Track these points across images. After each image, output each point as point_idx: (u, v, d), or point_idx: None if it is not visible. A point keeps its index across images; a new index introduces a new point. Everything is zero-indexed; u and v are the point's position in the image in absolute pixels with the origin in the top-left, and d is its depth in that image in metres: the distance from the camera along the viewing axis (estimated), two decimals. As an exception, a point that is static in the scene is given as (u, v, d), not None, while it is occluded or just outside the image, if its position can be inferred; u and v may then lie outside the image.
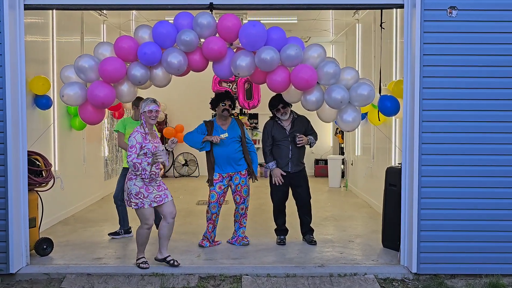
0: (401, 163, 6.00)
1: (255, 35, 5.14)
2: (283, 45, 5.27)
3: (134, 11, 9.75)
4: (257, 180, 6.38)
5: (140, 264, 5.40)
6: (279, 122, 6.40)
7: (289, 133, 6.33)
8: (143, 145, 5.21)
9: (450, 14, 5.16)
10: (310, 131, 6.47)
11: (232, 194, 6.31)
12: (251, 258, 5.79)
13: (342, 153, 12.39)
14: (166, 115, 13.14)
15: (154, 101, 5.35)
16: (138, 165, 5.12)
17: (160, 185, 5.39)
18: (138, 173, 5.16)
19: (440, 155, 5.23)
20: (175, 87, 5.87)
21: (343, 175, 11.70)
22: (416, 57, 5.16)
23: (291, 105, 6.32)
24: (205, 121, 6.31)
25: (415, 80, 5.19)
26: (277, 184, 6.27)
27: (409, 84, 5.31)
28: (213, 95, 12.41)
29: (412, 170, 5.26)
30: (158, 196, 5.32)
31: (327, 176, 11.74)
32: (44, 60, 7.19)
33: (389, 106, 6.04)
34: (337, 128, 12.58)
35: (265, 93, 12.13)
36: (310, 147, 6.45)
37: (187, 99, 12.93)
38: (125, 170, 6.64)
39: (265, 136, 6.42)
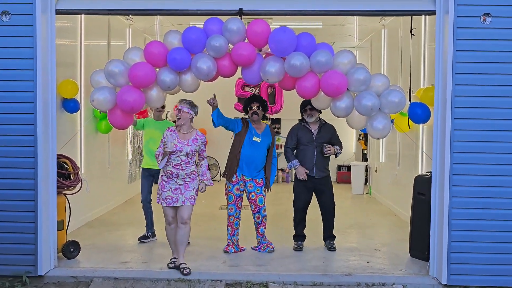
0: (430, 172, 5.92)
1: (285, 41, 5.11)
2: (313, 51, 5.24)
3: (159, 16, 9.79)
4: (270, 191, 6.36)
5: (168, 264, 5.53)
6: (306, 125, 6.36)
7: (315, 138, 6.29)
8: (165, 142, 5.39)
9: (484, 21, 5.07)
10: (335, 140, 6.43)
11: (248, 200, 6.29)
12: (277, 265, 5.74)
13: (365, 159, 12.28)
14: (188, 119, 13.15)
15: (184, 101, 5.45)
16: (157, 155, 5.37)
17: (179, 187, 5.38)
18: (158, 163, 5.37)
19: (472, 164, 5.13)
20: (198, 91, 5.86)
21: (365, 182, 11.59)
22: (449, 64, 5.08)
23: (320, 112, 6.29)
24: (242, 118, 6.30)
25: (447, 87, 5.10)
26: (302, 179, 6.23)
27: (441, 91, 5.23)
28: (236, 99, 12.54)
29: (443, 180, 5.16)
30: (169, 197, 5.37)
31: (349, 182, 11.64)
32: (72, 63, 7.25)
33: (419, 114, 5.97)
34: (360, 134, 12.48)
35: (288, 98, 12.15)
36: (336, 157, 6.41)
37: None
38: (145, 170, 6.67)
39: (290, 135, 6.46)
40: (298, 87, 5.32)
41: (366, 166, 11.56)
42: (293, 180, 6.55)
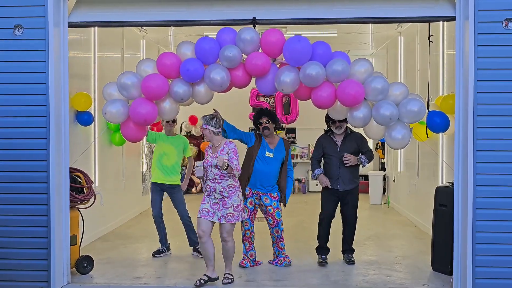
0: (452, 182, 5.74)
1: (300, 50, 4.99)
2: (329, 60, 5.11)
3: (172, 27, 9.77)
4: (285, 207, 6.20)
5: (199, 280, 5.35)
6: (332, 136, 6.19)
7: (340, 149, 6.12)
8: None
9: (506, 26, 4.90)
10: (364, 149, 6.17)
11: (264, 214, 6.13)
12: (294, 279, 5.58)
13: (382, 168, 12.06)
14: (203, 130, 13.10)
15: (203, 118, 5.42)
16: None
17: (218, 203, 5.30)
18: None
19: (496, 175, 4.94)
20: (212, 101, 5.77)
21: (383, 192, 11.36)
22: (470, 71, 4.91)
23: (348, 122, 6.12)
24: (255, 132, 6.18)
25: (469, 95, 4.93)
26: (327, 186, 6.06)
27: (462, 100, 5.05)
28: (250, 109, 12.40)
29: (466, 191, 4.97)
30: (206, 210, 5.30)
31: (366, 192, 11.42)
32: (86, 75, 7.22)
33: (438, 122, 5.80)
34: (377, 143, 12.28)
35: (303, 108, 11.98)
36: (363, 166, 6.20)
37: (224, 113, 12.85)
38: (156, 185, 6.56)
39: (316, 147, 6.29)
40: (314, 97, 5.19)
41: (384, 175, 11.34)
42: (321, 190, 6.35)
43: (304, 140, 13.15)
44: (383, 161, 12.10)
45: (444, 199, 5.78)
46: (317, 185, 6.36)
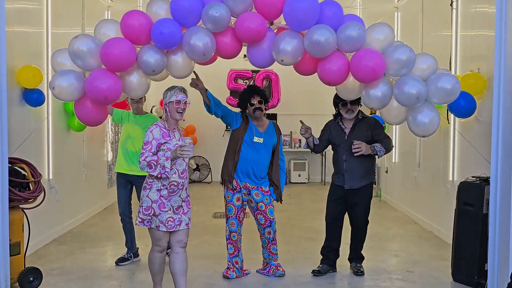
0: (479, 177, 4.86)
1: (306, 10, 3.93)
2: (340, 24, 4.08)
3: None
4: (281, 202, 5.21)
5: None
6: (341, 123, 5.14)
7: (347, 138, 5.08)
8: (163, 143, 4.03)
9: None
10: (379, 136, 5.03)
11: (253, 213, 5.08)
12: (292, 295, 4.59)
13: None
14: (175, 115, 12.01)
15: (183, 90, 4.15)
16: (155, 162, 3.91)
17: (181, 205, 4.15)
18: (155, 173, 3.92)
19: (548, 169, 4.01)
20: (185, 83, 4.65)
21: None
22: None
23: (361, 104, 5.00)
24: (242, 112, 5.14)
25: (514, 70, 3.97)
26: (303, 129, 5.00)
27: (504, 75, 4.07)
28: (228, 92, 11.31)
29: (510, 187, 4.02)
30: (171, 219, 4.07)
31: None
32: (37, 53, 5.99)
33: (463, 105, 4.90)
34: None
35: (285, 92, 11.00)
36: (378, 157, 5.08)
37: (198, 97, 11.73)
38: (121, 176, 5.47)
39: (321, 131, 5.24)
40: (321, 70, 4.15)
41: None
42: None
43: (285, 127, 12.01)
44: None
45: (469, 196, 4.83)
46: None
